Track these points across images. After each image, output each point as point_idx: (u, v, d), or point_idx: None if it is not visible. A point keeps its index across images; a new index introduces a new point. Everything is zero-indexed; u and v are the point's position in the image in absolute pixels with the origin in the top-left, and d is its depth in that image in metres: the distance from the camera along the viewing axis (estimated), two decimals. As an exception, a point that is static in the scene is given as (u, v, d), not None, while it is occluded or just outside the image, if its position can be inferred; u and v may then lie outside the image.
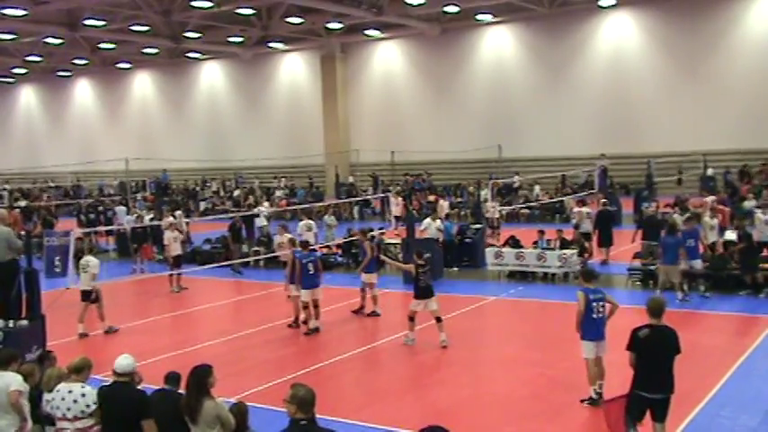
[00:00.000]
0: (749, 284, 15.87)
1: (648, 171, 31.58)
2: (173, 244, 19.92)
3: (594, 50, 37.78)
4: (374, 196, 35.18)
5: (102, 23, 36.83)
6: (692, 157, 33.45)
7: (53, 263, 13.01)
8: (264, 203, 32.41)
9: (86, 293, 15.00)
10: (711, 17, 34.56)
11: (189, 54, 48.48)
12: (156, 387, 7.16)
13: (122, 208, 31.24)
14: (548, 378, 11.09)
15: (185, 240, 22.82)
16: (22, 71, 53.86)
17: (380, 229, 23.14)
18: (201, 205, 40.22)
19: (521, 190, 35.22)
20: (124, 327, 15.48)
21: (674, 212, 20.78)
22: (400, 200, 29.09)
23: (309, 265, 14.48)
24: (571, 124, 37.78)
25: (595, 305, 9.57)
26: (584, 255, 18.96)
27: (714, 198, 23.90)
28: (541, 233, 19.45)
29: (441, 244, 20.06)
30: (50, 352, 8.93)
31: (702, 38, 34.69)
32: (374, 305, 15.53)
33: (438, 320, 12.95)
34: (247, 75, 49.18)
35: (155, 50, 46.79)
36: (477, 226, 21.98)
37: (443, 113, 42.04)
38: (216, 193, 43.91)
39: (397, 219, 25.62)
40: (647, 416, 7.80)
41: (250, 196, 38.43)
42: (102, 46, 44.57)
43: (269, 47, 45.30)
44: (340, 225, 26.41)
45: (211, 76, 51.25)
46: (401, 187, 35.98)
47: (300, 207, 31.05)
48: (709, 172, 32.36)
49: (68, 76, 56.41)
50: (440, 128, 41.88)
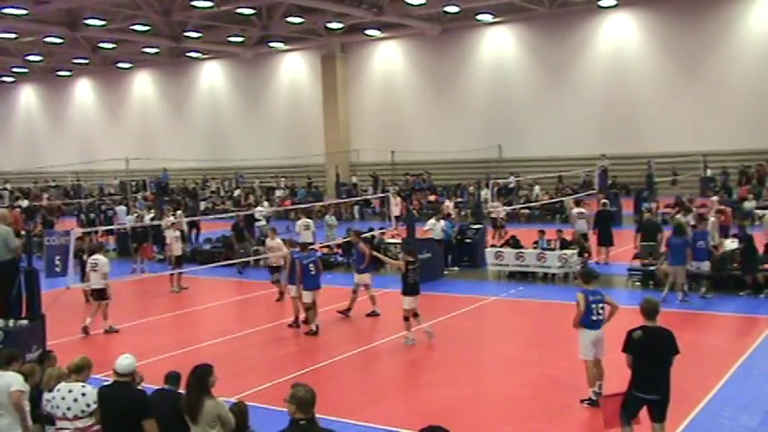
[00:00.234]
0: (749, 285, 15.87)
1: (649, 171, 31.58)
2: (174, 243, 19.94)
3: (595, 51, 37.77)
4: (374, 196, 35.19)
5: (103, 23, 36.84)
6: (692, 158, 33.45)
7: (53, 262, 12.98)
8: (264, 203, 32.42)
9: (98, 292, 15.09)
10: (712, 17, 34.55)
11: (189, 54, 48.48)
12: (156, 387, 7.17)
13: (122, 207, 31.27)
14: (548, 378, 11.09)
15: (185, 240, 22.83)
16: (22, 70, 53.89)
17: (381, 228, 23.16)
18: (202, 205, 40.21)
19: (521, 190, 35.21)
20: (124, 326, 15.48)
21: (678, 213, 20.78)
22: (399, 199, 29.11)
23: (311, 265, 14.48)
24: (571, 124, 37.76)
25: (595, 306, 9.55)
26: (584, 255, 18.96)
27: (717, 198, 23.98)
28: (542, 233, 19.43)
29: (440, 244, 20.07)
30: (50, 352, 8.92)
31: (703, 38, 34.68)
32: (373, 305, 15.52)
33: (415, 315, 13.44)
34: (248, 74, 49.16)
35: (155, 50, 46.79)
36: (477, 226, 21.98)
37: (444, 113, 42.03)
38: (215, 192, 43.89)
39: (397, 218, 25.63)
40: (646, 416, 7.79)
41: (250, 196, 38.47)
42: (103, 45, 44.60)
43: (269, 46, 45.30)
44: (340, 225, 26.43)
45: (212, 75, 51.24)
46: (399, 187, 35.99)
47: (302, 207, 31.01)
48: (708, 173, 32.38)
49: (69, 75, 56.41)
50: (440, 128, 41.88)
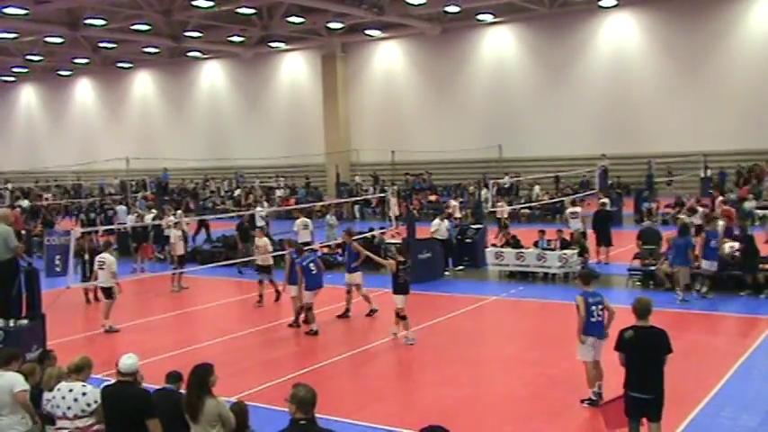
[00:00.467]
0: (750, 285, 15.86)
1: (649, 171, 31.57)
2: (178, 243, 19.95)
3: (595, 51, 37.77)
4: (374, 196, 35.19)
5: (103, 23, 36.84)
6: (693, 158, 33.43)
7: (53, 262, 12.98)
8: (264, 204, 32.41)
9: (107, 290, 15.17)
10: (712, 17, 34.54)
11: (189, 53, 48.49)
12: (156, 386, 7.16)
13: (123, 207, 31.27)
14: (548, 378, 11.09)
15: (186, 240, 22.79)
16: (22, 70, 53.89)
17: (381, 228, 23.14)
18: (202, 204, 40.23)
19: (521, 190, 35.19)
20: (124, 326, 15.47)
21: (681, 213, 20.77)
22: (395, 200, 29.10)
23: (311, 265, 14.47)
24: (572, 124, 37.76)
25: (594, 308, 9.55)
26: (584, 255, 18.92)
27: (722, 198, 24.00)
28: (542, 233, 19.41)
29: (445, 244, 20.12)
30: (50, 351, 8.91)
31: (703, 38, 34.67)
32: (369, 303, 15.50)
33: (396, 315, 13.50)
34: (248, 74, 49.16)
35: (155, 50, 46.79)
36: (478, 226, 21.97)
37: (444, 113, 42.03)
38: (214, 192, 43.87)
39: (397, 218, 25.60)
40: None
41: (250, 195, 38.46)
42: (103, 45, 44.61)
43: (270, 46, 45.29)
44: (341, 224, 26.40)
45: (212, 75, 51.24)
46: (397, 187, 35.97)
47: (304, 206, 31.02)
48: (706, 173, 32.33)
49: (69, 75, 56.44)
50: (440, 128, 41.87)
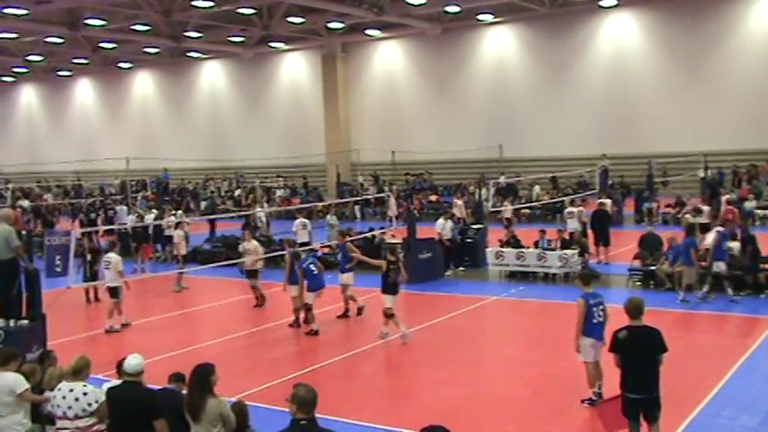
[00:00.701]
0: (750, 285, 15.83)
1: (649, 171, 31.55)
2: (181, 243, 19.96)
3: (595, 50, 37.75)
4: (374, 195, 35.17)
5: (103, 23, 36.81)
6: (693, 158, 33.38)
7: (53, 262, 12.98)
8: (264, 204, 32.41)
9: (113, 290, 15.24)
10: (712, 17, 34.52)
11: (190, 53, 48.47)
12: (156, 386, 7.16)
13: (123, 207, 31.26)
14: (548, 378, 11.09)
15: (188, 239, 22.84)
16: (22, 70, 53.86)
17: (381, 228, 23.13)
18: (202, 205, 40.19)
19: (522, 190, 35.16)
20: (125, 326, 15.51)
21: (686, 213, 20.77)
22: (393, 200, 29.09)
23: (311, 266, 14.47)
24: (572, 124, 37.74)
25: (596, 309, 9.54)
26: (585, 255, 18.92)
27: (727, 197, 24.04)
28: (542, 233, 19.40)
29: (442, 243, 20.08)
30: (51, 351, 8.93)
31: (703, 38, 34.65)
32: (346, 306, 15.45)
33: (384, 315, 13.45)
34: (248, 74, 49.15)
35: (155, 50, 46.78)
36: (478, 226, 21.96)
37: (444, 113, 42.01)
38: (213, 193, 43.83)
39: (397, 218, 25.58)
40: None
41: (250, 196, 38.47)
42: (103, 45, 44.57)
43: (270, 46, 45.28)
44: (342, 224, 26.39)
45: (212, 75, 51.23)
46: (396, 187, 35.93)
47: (306, 207, 31.02)
48: (704, 173, 32.20)
49: (69, 75, 56.39)
50: (441, 127, 41.85)
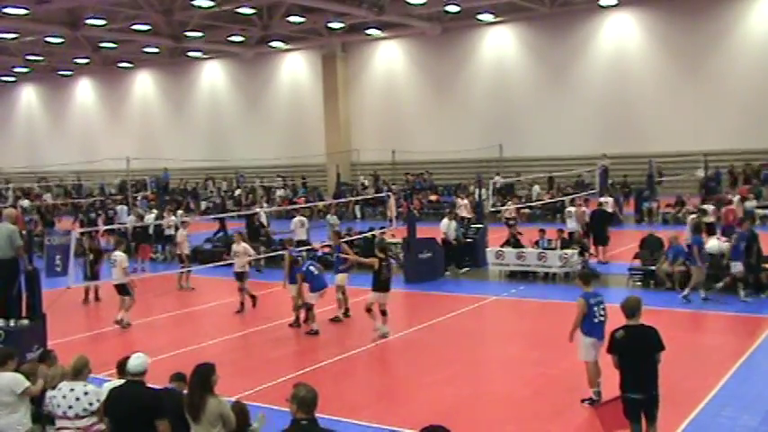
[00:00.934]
0: (751, 284, 15.81)
1: (649, 171, 31.55)
2: (184, 242, 20.02)
3: (595, 50, 37.74)
4: (374, 195, 35.18)
5: (104, 23, 36.81)
6: (693, 158, 33.37)
7: (54, 262, 12.99)
8: (264, 204, 32.42)
9: (120, 287, 15.42)
10: (713, 17, 34.50)
11: (190, 53, 48.46)
12: (157, 385, 7.16)
13: (123, 207, 31.27)
14: (548, 378, 11.09)
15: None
16: (23, 70, 53.84)
17: (381, 228, 23.13)
18: (203, 204, 40.24)
19: (521, 189, 35.16)
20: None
21: (695, 213, 20.75)
22: (393, 200, 29.14)
23: (311, 267, 14.47)
24: (572, 124, 37.73)
25: (596, 309, 9.54)
26: (585, 254, 18.91)
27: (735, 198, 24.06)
28: (542, 232, 19.41)
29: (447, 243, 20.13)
30: (51, 351, 8.93)
31: (703, 38, 34.63)
32: (338, 308, 15.42)
33: (383, 314, 13.45)
34: (248, 74, 49.14)
35: (156, 50, 46.76)
36: (478, 226, 21.96)
37: (444, 113, 42.00)
38: (213, 192, 43.84)
39: (396, 218, 25.58)
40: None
41: (250, 195, 38.48)
42: (104, 45, 44.57)
43: (270, 46, 45.27)
44: (342, 224, 26.43)
45: (212, 75, 51.22)
46: (397, 187, 35.91)
47: (307, 206, 31.03)
48: (702, 173, 32.18)
49: (69, 75, 56.39)
50: (441, 127, 41.84)
